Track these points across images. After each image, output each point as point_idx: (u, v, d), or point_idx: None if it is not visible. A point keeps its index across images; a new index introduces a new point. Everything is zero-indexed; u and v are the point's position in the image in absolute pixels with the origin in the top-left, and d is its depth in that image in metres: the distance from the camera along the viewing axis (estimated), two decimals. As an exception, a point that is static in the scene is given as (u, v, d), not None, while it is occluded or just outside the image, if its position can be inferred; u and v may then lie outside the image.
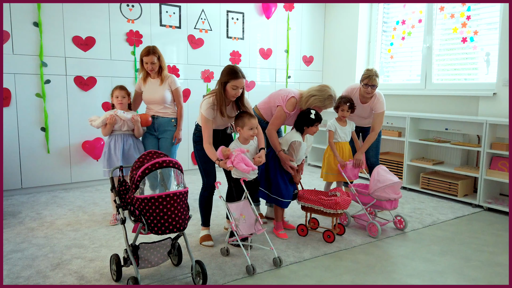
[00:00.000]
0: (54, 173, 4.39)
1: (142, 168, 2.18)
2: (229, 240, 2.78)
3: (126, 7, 4.62)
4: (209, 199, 3.03)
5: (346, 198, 3.06)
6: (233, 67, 2.76)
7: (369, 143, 3.65)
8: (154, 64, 3.45)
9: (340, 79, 5.95)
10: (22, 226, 3.32)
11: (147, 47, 3.44)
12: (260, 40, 5.67)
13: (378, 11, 5.61)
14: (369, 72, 3.51)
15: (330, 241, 3.03)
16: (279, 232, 3.19)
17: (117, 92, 3.38)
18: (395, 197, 3.16)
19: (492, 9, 4.33)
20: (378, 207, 3.25)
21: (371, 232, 3.19)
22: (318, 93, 3.15)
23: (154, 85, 3.52)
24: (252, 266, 2.52)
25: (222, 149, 2.68)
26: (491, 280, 2.52)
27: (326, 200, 3.01)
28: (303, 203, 3.16)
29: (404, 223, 3.32)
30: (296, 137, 3.10)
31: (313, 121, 3.08)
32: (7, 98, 4.06)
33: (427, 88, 4.98)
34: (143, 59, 3.44)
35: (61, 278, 2.45)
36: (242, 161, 2.62)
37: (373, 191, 3.19)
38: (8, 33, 4.00)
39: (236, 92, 2.75)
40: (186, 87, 5.11)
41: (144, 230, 2.19)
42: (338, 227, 3.20)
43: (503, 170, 3.84)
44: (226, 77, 2.72)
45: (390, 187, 3.15)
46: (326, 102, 3.15)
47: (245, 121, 2.79)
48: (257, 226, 2.70)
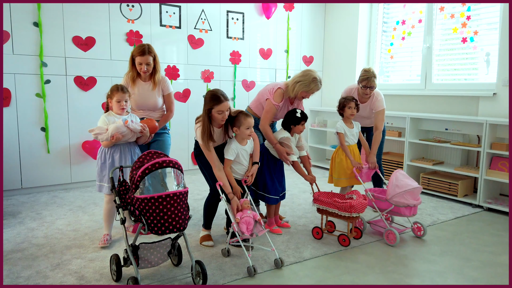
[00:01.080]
0: (54, 173, 4.39)
1: (142, 168, 2.18)
2: (230, 241, 2.79)
3: (126, 7, 4.62)
4: (215, 205, 3.01)
5: (362, 201, 2.94)
6: (214, 92, 2.72)
7: (377, 143, 3.56)
8: (149, 66, 3.08)
9: (340, 79, 5.95)
10: (22, 226, 3.32)
11: (142, 45, 3.06)
12: (260, 40, 5.67)
13: (378, 11, 5.61)
14: (367, 74, 3.47)
15: (346, 245, 2.96)
16: (272, 228, 3.24)
17: (119, 96, 2.85)
18: (414, 203, 3.00)
19: (492, 9, 4.33)
20: (396, 213, 3.09)
21: (389, 240, 3.04)
22: (302, 78, 3.20)
23: (146, 89, 3.16)
24: (253, 267, 2.52)
25: (245, 201, 2.74)
26: (491, 280, 2.52)
27: (341, 203, 2.92)
28: (318, 205, 3.08)
29: (424, 230, 3.17)
30: (283, 134, 3.16)
31: (299, 119, 3.13)
32: (7, 98, 4.06)
33: (427, 88, 4.98)
34: (137, 59, 3.06)
35: (61, 278, 2.45)
36: (245, 223, 2.64)
37: (391, 196, 3.03)
38: (8, 33, 4.00)
39: (223, 116, 2.73)
40: (186, 87, 5.11)
41: (144, 230, 2.19)
42: (355, 231, 3.12)
43: (503, 170, 3.84)
44: (209, 104, 2.69)
45: (409, 192, 2.99)
46: (311, 86, 3.19)
47: (241, 121, 2.79)
48: (258, 227, 2.70)
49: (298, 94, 3.22)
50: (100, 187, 2.91)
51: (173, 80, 5.01)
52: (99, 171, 2.89)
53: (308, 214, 3.69)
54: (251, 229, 2.65)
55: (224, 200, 2.73)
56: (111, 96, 2.89)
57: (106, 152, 2.88)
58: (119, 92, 2.87)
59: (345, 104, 3.46)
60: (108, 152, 2.87)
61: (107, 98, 2.95)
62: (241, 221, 2.64)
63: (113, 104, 2.90)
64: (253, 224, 2.68)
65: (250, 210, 2.72)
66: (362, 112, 3.71)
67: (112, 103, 2.90)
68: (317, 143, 6.06)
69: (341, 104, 3.50)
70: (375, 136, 3.59)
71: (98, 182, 2.92)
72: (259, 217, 2.72)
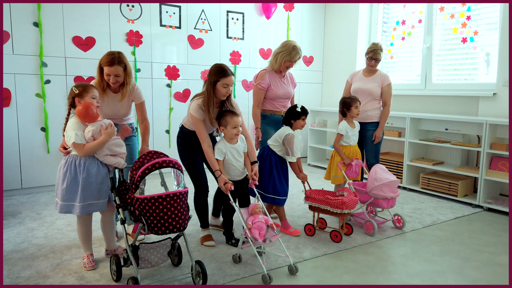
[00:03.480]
0: (54, 173, 4.33)
1: (142, 168, 2.18)
2: (242, 247, 2.68)
3: (126, 7, 4.62)
4: (204, 202, 2.99)
5: (353, 198, 3.03)
6: (221, 65, 2.77)
7: (385, 118, 3.83)
8: (118, 77, 2.68)
9: (340, 79, 5.94)
10: (22, 226, 3.32)
11: (111, 53, 2.67)
12: (260, 40, 5.67)
13: (378, 11, 5.61)
14: (374, 46, 3.74)
15: (337, 240, 3.04)
16: (289, 230, 3.19)
17: (93, 92, 2.45)
18: (392, 196, 3.19)
19: (492, 9, 4.33)
20: (376, 205, 3.29)
21: (368, 229, 3.21)
22: (283, 48, 3.38)
23: (114, 100, 2.82)
24: (268, 275, 2.42)
25: (256, 206, 2.68)
26: (491, 280, 2.52)
27: (332, 200, 3.00)
28: (310, 203, 3.15)
29: (403, 221, 3.34)
30: (288, 131, 3.12)
31: (299, 114, 3.12)
32: (7, 98, 4.06)
33: (427, 88, 4.98)
34: (105, 69, 2.66)
35: (61, 278, 2.45)
36: (257, 229, 2.58)
37: (371, 189, 3.21)
38: (8, 33, 4.00)
39: (227, 90, 2.75)
40: (186, 87, 5.11)
41: (144, 230, 2.19)
42: (346, 227, 3.20)
43: (503, 170, 3.84)
44: (215, 76, 2.71)
45: (387, 185, 3.18)
46: (292, 54, 3.35)
47: (227, 120, 2.75)
48: (270, 232, 2.64)
49: (282, 64, 3.40)
50: (68, 207, 2.41)
51: (173, 80, 5.01)
52: (67, 188, 2.39)
53: (308, 214, 3.69)
54: (264, 235, 2.59)
55: (236, 205, 2.67)
56: (82, 93, 2.41)
57: (77, 164, 2.41)
58: (91, 89, 2.45)
59: (351, 104, 3.49)
60: (81, 165, 2.41)
61: (75, 98, 2.44)
62: (253, 226, 2.56)
63: (86, 102, 2.42)
64: (266, 229, 2.62)
65: (262, 215, 2.65)
66: (364, 96, 3.85)
67: (84, 101, 2.44)
68: (317, 143, 6.06)
69: (347, 104, 3.51)
70: (384, 110, 3.85)
71: (62, 202, 2.40)
72: (272, 221, 2.65)
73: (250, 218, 2.62)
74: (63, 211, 2.42)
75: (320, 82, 6.32)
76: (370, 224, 3.20)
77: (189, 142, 2.93)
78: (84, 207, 2.41)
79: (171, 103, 5.04)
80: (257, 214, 2.65)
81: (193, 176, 2.93)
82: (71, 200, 2.40)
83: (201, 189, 2.93)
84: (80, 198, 2.39)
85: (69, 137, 2.38)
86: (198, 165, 2.93)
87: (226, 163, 2.83)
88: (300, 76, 6.06)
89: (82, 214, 2.43)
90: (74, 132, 2.36)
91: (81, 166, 2.41)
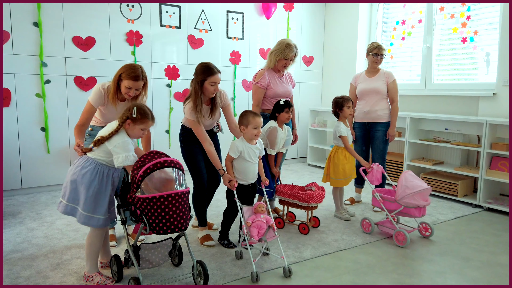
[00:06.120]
0: (54, 173, 4.39)
1: (144, 168, 2.17)
2: (243, 244, 2.68)
3: (126, 7, 4.62)
4: (203, 198, 3.01)
5: (320, 192, 3.17)
6: (207, 64, 2.80)
7: (396, 116, 3.87)
8: (137, 91, 2.64)
9: (340, 79, 5.95)
10: (22, 226, 3.31)
11: (134, 67, 2.59)
12: (260, 40, 5.67)
13: (378, 11, 5.61)
14: (375, 43, 3.83)
15: (305, 232, 3.19)
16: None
17: (147, 125, 2.36)
18: (424, 204, 2.99)
19: (492, 9, 4.33)
20: (406, 214, 3.07)
21: (398, 240, 3.02)
22: (277, 47, 3.40)
23: (122, 108, 2.64)
24: (256, 273, 2.43)
25: (259, 205, 2.69)
26: (491, 280, 2.52)
27: (301, 194, 3.13)
28: (280, 197, 3.31)
29: (431, 230, 3.16)
30: (272, 124, 3.21)
31: (282, 106, 3.19)
32: (7, 98, 4.06)
33: (427, 88, 4.98)
34: (126, 82, 2.56)
35: (61, 278, 2.45)
36: (257, 228, 2.59)
37: (401, 197, 3.01)
38: (8, 33, 4.00)
39: (215, 88, 2.79)
40: (186, 87, 5.10)
41: (145, 230, 2.19)
42: (313, 220, 3.35)
43: (503, 170, 3.84)
44: (203, 75, 2.75)
45: (420, 193, 2.98)
46: (286, 51, 3.34)
47: (249, 119, 2.70)
48: (270, 232, 2.65)
49: (277, 62, 3.40)
50: (90, 219, 2.28)
51: (173, 80, 5.01)
52: (92, 199, 2.26)
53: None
54: (262, 234, 2.60)
55: (239, 202, 2.67)
56: (136, 122, 2.30)
57: (105, 174, 2.31)
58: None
59: (343, 104, 3.46)
60: (109, 175, 2.33)
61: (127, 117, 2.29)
62: (253, 225, 2.58)
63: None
64: (265, 229, 2.62)
65: (264, 214, 2.65)
66: (365, 106, 3.85)
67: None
68: (317, 143, 6.06)
69: (339, 104, 3.48)
70: (393, 108, 3.88)
71: (86, 213, 2.27)
72: (273, 222, 2.65)
73: (251, 217, 2.64)
74: (66, 212, 2.33)
75: (320, 82, 6.33)
76: (401, 234, 2.99)
77: (190, 139, 2.95)
78: (106, 220, 2.34)
79: (171, 103, 5.04)
80: (259, 213, 2.67)
81: (193, 172, 2.96)
82: (94, 212, 2.27)
83: (200, 185, 2.96)
84: (106, 211, 2.32)
85: (117, 157, 2.25)
86: (199, 162, 2.95)
87: (241, 162, 2.77)
88: (300, 76, 6.06)
89: (104, 226, 2.36)
90: (124, 154, 2.24)
91: (109, 177, 2.33)
